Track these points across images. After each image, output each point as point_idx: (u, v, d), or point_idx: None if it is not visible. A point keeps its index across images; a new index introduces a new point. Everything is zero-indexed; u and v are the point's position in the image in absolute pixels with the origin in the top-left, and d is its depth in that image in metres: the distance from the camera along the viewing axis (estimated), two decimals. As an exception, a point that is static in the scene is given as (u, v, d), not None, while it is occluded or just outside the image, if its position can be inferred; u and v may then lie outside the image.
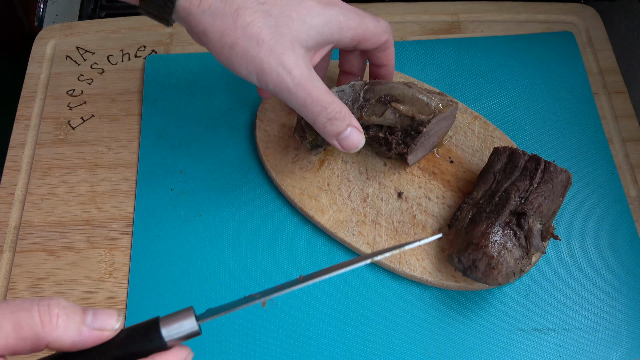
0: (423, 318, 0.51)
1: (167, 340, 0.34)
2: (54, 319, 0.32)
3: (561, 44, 0.67)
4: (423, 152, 0.56)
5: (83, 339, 0.32)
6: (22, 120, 0.63)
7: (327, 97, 0.45)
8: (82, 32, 0.69)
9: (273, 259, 0.54)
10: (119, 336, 0.33)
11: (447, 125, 0.56)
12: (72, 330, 0.32)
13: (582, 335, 0.50)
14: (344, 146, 0.48)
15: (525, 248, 0.48)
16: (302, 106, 0.45)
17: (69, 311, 0.32)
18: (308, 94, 0.44)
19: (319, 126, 0.46)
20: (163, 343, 0.34)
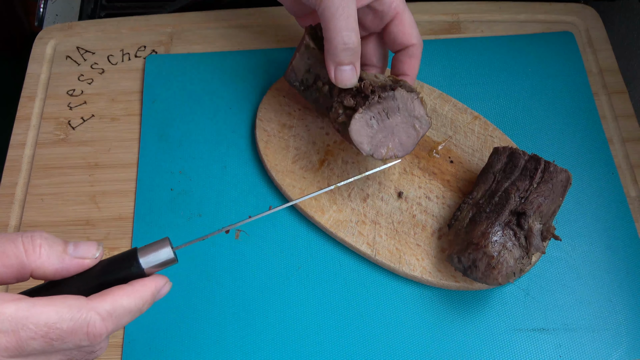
0: (423, 318, 0.51)
1: (145, 267, 0.36)
2: (37, 249, 0.34)
3: (561, 44, 0.67)
4: (377, 140, 0.50)
5: (65, 267, 0.34)
6: (22, 120, 0.63)
7: (354, 24, 0.47)
8: (82, 32, 0.69)
9: (273, 259, 0.54)
10: (99, 265, 0.36)
11: (407, 124, 0.51)
12: (54, 259, 0.34)
13: (582, 335, 0.50)
14: (337, 77, 0.49)
15: (525, 248, 0.48)
16: (330, 14, 0.46)
17: (51, 242, 0.34)
18: (342, 6, 0.46)
19: (333, 43, 0.47)
20: (141, 270, 0.36)
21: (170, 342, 0.50)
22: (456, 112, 0.60)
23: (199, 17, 0.70)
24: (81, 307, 0.32)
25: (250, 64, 0.65)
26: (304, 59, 0.53)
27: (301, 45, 0.53)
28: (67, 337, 0.32)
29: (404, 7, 0.50)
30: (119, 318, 0.34)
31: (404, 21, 0.51)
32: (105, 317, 0.33)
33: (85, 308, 0.33)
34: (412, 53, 0.52)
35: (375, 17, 0.51)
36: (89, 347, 0.33)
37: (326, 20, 0.47)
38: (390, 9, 0.50)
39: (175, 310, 0.52)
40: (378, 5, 0.50)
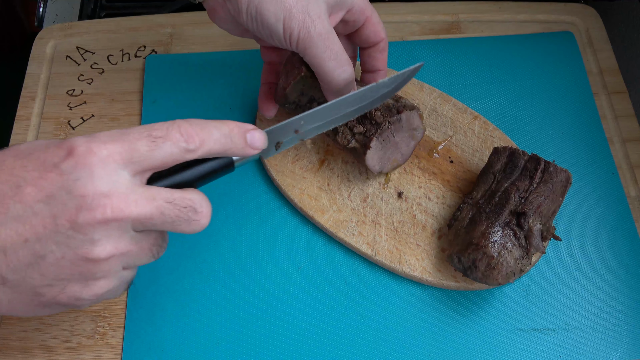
0: (423, 318, 0.51)
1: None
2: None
3: (561, 44, 0.67)
4: (385, 158, 0.54)
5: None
6: (22, 120, 0.63)
7: (344, 56, 0.47)
8: (82, 32, 0.69)
9: (273, 259, 0.54)
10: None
11: (408, 137, 0.54)
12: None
13: (582, 335, 0.50)
14: None
15: (525, 248, 0.48)
16: (318, 58, 0.46)
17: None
18: (327, 46, 0.46)
19: (333, 82, 0.48)
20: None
21: (170, 342, 0.50)
22: (456, 112, 0.60)
23: (199, 17, 0.70)
24: (172, 121, 0.37)
25: (251, 64, 0.65)
26: (298, 86, 0.52)
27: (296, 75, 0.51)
28: (165, 135, 0.36)
29: (372, 9, 0.51)
30: (205, 127, 0.37)
31: (373, 22, 0.51)
32: (192, 123, 0.37)
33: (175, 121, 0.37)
34: (382, 47, 0.53)
35: (346, 26, 0.51)
36: (185, 146, 0.36)
37: (316, 65, 0.47)
38: (361, 17, 0.50)
39: (175, 310, 0.52)
40: (349, 16, 0.50)
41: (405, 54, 0.66)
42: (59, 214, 0.33)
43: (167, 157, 0.36)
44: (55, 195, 0.33)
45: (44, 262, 0.34)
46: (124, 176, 0.34)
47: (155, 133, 0.36)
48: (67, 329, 0.51)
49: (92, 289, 0.36)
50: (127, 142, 0.35)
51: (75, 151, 0.34)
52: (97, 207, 0.33)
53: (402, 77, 0.49)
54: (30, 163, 0.34)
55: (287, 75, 0.52)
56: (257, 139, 0.40)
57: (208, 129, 0.37)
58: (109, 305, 0.52)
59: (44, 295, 0.35)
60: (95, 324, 0.52)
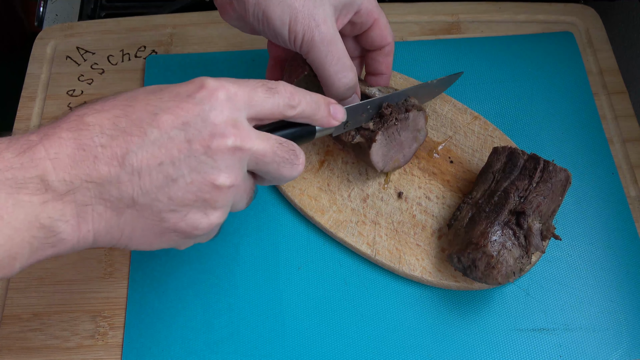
0: (423, 318, 0.51)
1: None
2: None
3: (561, 44, 0.67)
4: (388, 156, 0.54)
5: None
6: (22, 121, 0.63)
7: (347, 61, 0.48)
8: (82, 32, 0.69)
9: (273, 259, 0.54)
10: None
11: (412, 138, 0.54)
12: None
13: (582, 335, 0.50)
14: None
15: (525, 247, 0.48)
16: (321, 63, 0.47)
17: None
18: (330, 50, 0.46)
19: (334, 86, 0.48)
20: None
21: (170, 342, 0.50)
22: (456, 112, 0.60)
23: (199, 17, 0.70)
24: (277, 81, 0.41)
25: (250, 64, 0.65)
26: (302, 85, 0.52)
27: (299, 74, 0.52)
28: (276, 88, 0.39)
29: (380, 11, 0.51)
30: (300, 90, 0.41)
31: (381, 25, 0.51)
32: (291, 85, 0.41)
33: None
34: (387, 51, 0.53)
35: (354, 28, 0.51)
36: (289, 102, 0.40)
37: (319, 69, 0.47)
38: (369, 19, 0.50)
39: (175, 310, 0.52)
40: (357, 18, 0.50)
41: (405, 54, 0.66)
42: (193, 139, 0.35)
43: (274, 107, 0.39)
44: (191, 122, 0.35)
45: (174, 185, 0.35)
46: (244, 116, 0.38)
47: (269, 85, 0.39)
48: (67, 329, 0.51)
49: (210, 218, 0.37)
50: (249, 87, 0.38)
51: (208, 85, 0.37)
52: (228, 135, 0.36)
53: (448, 81, 0.58)
54: (165, 95, 0.37)
55: (290, 73, 0.52)
56: (339, 111, 0.44)
57: (302, 93, 0.41)
58: (109, 305, 0.52)
59: (167, 221, 0.36)
60: (95, 324, 0.52)
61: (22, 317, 0.52)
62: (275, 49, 0.54)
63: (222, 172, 0.36)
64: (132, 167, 0.34)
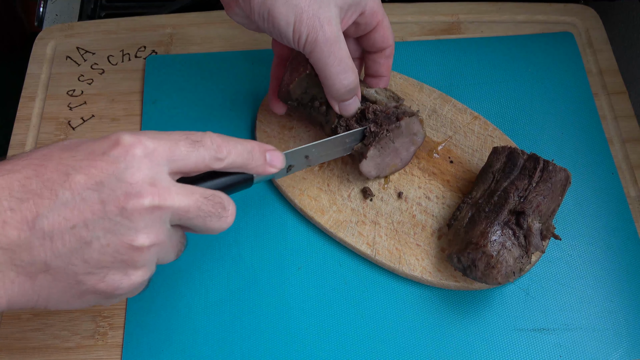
0: (423, 318, 0.51)
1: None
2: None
3: (561, 44, 0.67)
4: (383, 164, 0.54)
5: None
6: (22, 121, 0.63)
7: (349, 63, 0.48)
8: (82, 32, 0.69)
9: (273, 259, 0.54)
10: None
11: (408, 142, 0.54)
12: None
13: (582, 335, 0.50)
14: (342, 111, 0.51)
15: (525, 247, 0.48)
16: (323, 63, 0.47)
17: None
18: (332, 51, 0.46)
19: (334, 87, 0.49)
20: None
21: (170, 342, 0.50)
22: (456, 112, 0.60)
23: (199, 17, 0.70)
24: (204, 132, 0.40)
25: (251, 64, 0.65)
26: (302, 84, 0.52)
27: (301, 72, 0.52)
28: (201, 140, 0.39)
29: (383, 13, 0.51)
30: (231, 141, 0.41)
31: (384, 27, 0.51)
32: (220, 135, 0.40)
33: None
34: (388, 54, 0.53)
35: (357, 28, 0.51)
36: (215, 154, 0.39)
37: (320, 69, 0.48)
38: (373, 20, 0.50)
39: (175, 310, 0.52)
40: (361, 19, 0.50)
41: (405, 54, 0.66)
42: (107, 200, 0.34)
43: (199, 160, 0.38)
44: (105, 182, 0.34)
45: (89, 248, 0.34)
46: (165, 171, 0.37)
47: (193, 137, 0.38)
48: (67, 329, 0.51)
49: (131, 278, 0.37)
50: (171, 140, 0.37)
51: (124, 142, 0.36)
52: (145, 194, 0.35)
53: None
54: (79, 153, 0.35)
55: (292, 71, 0.52)
56: (276, 159, 0.44)
57: (233, 143, 0.40)
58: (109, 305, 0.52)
59: (85, 284, 0.36)
60: (95, 324, 0.52)
61: (22, 317, 0.52)
62: (280, 47, 0.55)
63: (139, 232, 0.35)
64: (42, 231, 0.33)
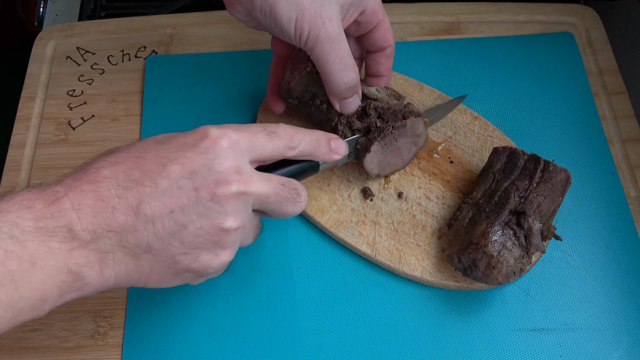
0: (423, 318, 0.51)
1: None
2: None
3: (561, 44, 0.67)
4: (385, 162, 0.54)
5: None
6: (22, 121, 0.63)
7: (350, 60, 0.48)
8: (82, 32, 0.69)
9: (273, 259, 0.54)
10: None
11: (410, 142, 0.54)
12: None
13: (582, 335, 0.50)
14: (343, 109, 0.52)
15: (525, 247, 0.48)
16: (324, 60, 0.48)
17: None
18: (334, 49, 0.47)
19: (335, 85, 0.49)
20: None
21: (170, 342, 0.50)
22: (456, 112, 0.60)
23: (199, 17, 0.70)
24: (277, 123, 0.43)
25: (251, 64, 0.65)
26: (303, 81, 0.52)
27: (301, 70, 0.52)
28: (276, 131, 0.42)
29: (384, 13, 0.51)
30: (300, 131, 0.43)
31: (384, 26, 0.52)
32: (291, 126, 0.43)
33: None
34: (389, 53, 0.54)
35: (358, 27, 0.51)
36: (289, 144, 0.42)
37: (322, 66, 0.48)
38: (373, 19, 0.51)
39: (175, 311, 0.52)
40: (362, 18, 0.50)
41: (405, 54, 0.66)
42: (200, 187, 0.38)
43: (275, 150, 0.42)
44: (197, 171, 0.38)
45: (185, 230, 0.38)
46: (246, 160, 0.40)
47: (269, 129, 0.42)
48: (67, 329, 0.51)
49: (220, 257, 0.40)
50: (250, 132, 0.41)
51: (211, 134, 0.39)
52: (232, 181, 0.38)
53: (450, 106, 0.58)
54: (172, 146, 0.39)
55: (293, 69, 0.52)
56: (340, 146, 0.46)
57: (302, 133, 0.43)
58: (109, 305, 0.52)
59: (180, 263, 0.39)
60: (95, 324, 0.52)
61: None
62: (280, 46, 0.55)
63: (228, 216, 0.39)
64: (146, 216, 0.37)
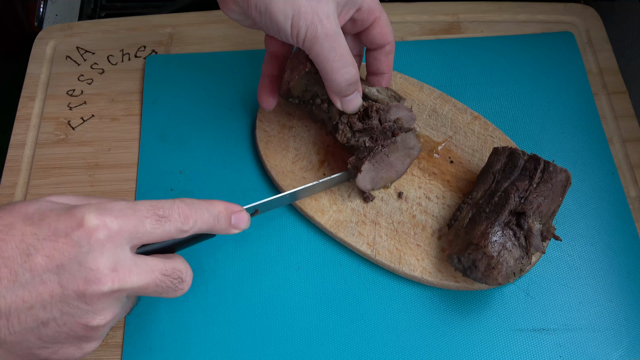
0: (423, 318, 0.51)
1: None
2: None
3: (561, 44, 0.67)
4: (377, 177, 0.53)
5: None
6: (22, 120, 0.63)
7: (349, 57, 0.47)
8: (82, 32, 0.69)
9: (273, 259, 0.54)
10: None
11: (404, 155, 0.54)
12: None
13: (582, 335, 0.50)
14: (344, 107, 0.51)
15: (525, 248, 0.48)
16: (323, 57, 0.47)
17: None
18: (333, 47, 0.46)
19: (335, 82, 0.48)
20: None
21: (170, 342, 0.50)
22: (456, 112, 0.60)
23: (198, 17, 0.70)
24: (172, 201, 0.40)
25: (251, 64, 0.65)
26: (303, 81, 0.52)
27: (301, 70, 0.51)
28: (168, 215, 0.38)
29: (381, 9, 0.51)
30: (198, 209, 0.40)
31: (382, 23, 0.51)
32: (187, 203, 0.40)
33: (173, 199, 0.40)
34: (388, 51, 0.53)
35: (355, 25, 0.51)
36: (181, 227, 0.39)
37: (321, 65, 0.47)
38: (370, 16, 0.50)
39: (175, 311, 0.52)
40: (358, 15, 0.50)
41: (405, 54, 0.66)
42: (67, 285, 0.34)
43: (164, 234, 0.39)
44: (66, 265, 0.34)
45: (45, 327, 0.35)
46: (127, 249, 0.37)
47: (159, 212, 0.38)
48: (67, 329, 0.51)
49: (84, 349, 0.38)
50: (136, 218, 0.37)
51: (87, 223, 0.35)
52: (105, 280, 0.35)
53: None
54: (42, 231, 0.35)
55: (292, 70, 0.52)
56: (241, 221, 0.44)
57: (201, 211, 0.40)
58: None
59: (38, 356, 0.37)
60: (95, 324, 0.52)
61: None
62: (273, 44, 0.54)
63: (96, 314, 0.36)
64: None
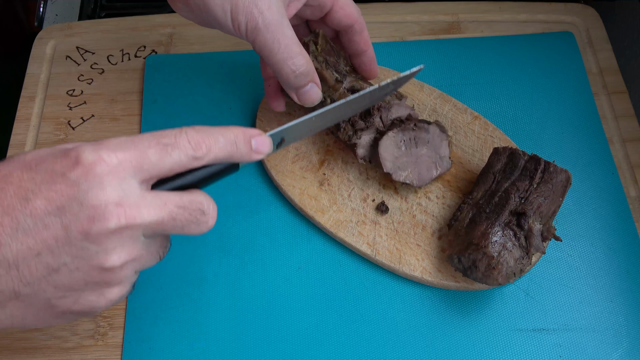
0: (423, 318, 0.51)
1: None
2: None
3: (561, 44, 0.67)
4: (398, 161, 0.53)
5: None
6: (22, 120, 0.63)
7: (296, 47, 0.46)
8: (82, 32, 0.69)
9: (273, 259, 0.54)
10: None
11: (432, 161, 0.53)
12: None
13: (582, 335, 0.50)
14: (302, 100, 0.50)
15: (525, 248, 0.48)
16: (268, 50, 0.45)
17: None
18: (276, 38, 0.45)
19: (283, 74, 0.47)
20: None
21: (170, 342, 0.50)
22: (456, 112, 0.60)
23: (199, 17, 0.70)
24: (179, 129, 0.36)
25: (250, 64, 0.65)
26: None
27: None
28: (174, 142, 0.35)
29: None
30: (211, 135, 0.37)
31: (341, 3, 0.50)
32: (198, 130, 0.36)
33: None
34: (359, 29, 0.52)
35: (314, 10, 0.50)
36: (193, 154, 0.36)
37: (266, 57, 0.46)
38: (327, 1, 0.49)
39: (175, 311, 0.52)
40: (313, 1, 0.49)
41: (405, 54, 0.66)
42: (70, 226, 0.33)
43: (175, 164, 0.35)
44: (66, 206, 0.33)
45: (58, 274, 0.34)
46: (133, 184, 0.34)
47: (164, 140, 0.35)
48: (67, 329, 0.51)
49: (107, 296, 0.36)
50: (137, 150, 0.34)
51: (83, 160, 0.33)
52: (110, 216, 0.33)
53: (400, 81, 0.49)
54: (39, 175, 0.33)
55: None
56: (262, 144, 0.40)
57: (214, 136, 0.37)
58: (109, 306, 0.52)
59: (58, 307, 0.35)
60: (95, 324, 0.52)
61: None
62: None
63: (109, 254, 0.34)
64: (7, 261, 0.33)
